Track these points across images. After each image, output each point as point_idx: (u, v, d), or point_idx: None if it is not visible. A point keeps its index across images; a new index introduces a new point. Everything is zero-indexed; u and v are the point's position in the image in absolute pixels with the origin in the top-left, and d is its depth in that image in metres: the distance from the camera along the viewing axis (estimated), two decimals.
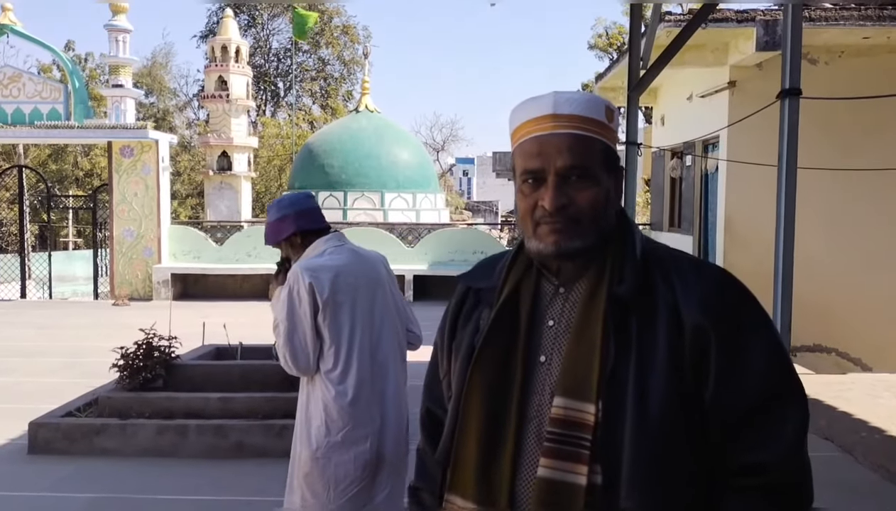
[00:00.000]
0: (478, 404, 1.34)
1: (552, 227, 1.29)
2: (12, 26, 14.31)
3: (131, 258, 14.29)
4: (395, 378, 2.84)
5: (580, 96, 1.32)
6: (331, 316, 2.71)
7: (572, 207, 1.28)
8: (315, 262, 2.74)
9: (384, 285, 2.90)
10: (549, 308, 1.35)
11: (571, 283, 1.34)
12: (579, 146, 1.29)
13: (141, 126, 14.24)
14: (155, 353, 5.91)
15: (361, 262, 2.86)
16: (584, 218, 1.29)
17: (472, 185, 60.58)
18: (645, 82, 7.16)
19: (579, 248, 1.30)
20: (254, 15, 37.15)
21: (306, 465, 2.73)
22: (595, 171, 1.31)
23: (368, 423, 2.72)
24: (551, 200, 1.27)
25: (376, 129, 20.06)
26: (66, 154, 29.17)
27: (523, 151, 1.32)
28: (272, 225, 2.85)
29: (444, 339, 1.49)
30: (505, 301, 1.36)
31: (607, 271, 1.31)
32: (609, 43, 32.04)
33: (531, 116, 1.32)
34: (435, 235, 15.26)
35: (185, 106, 38.42)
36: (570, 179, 1.29)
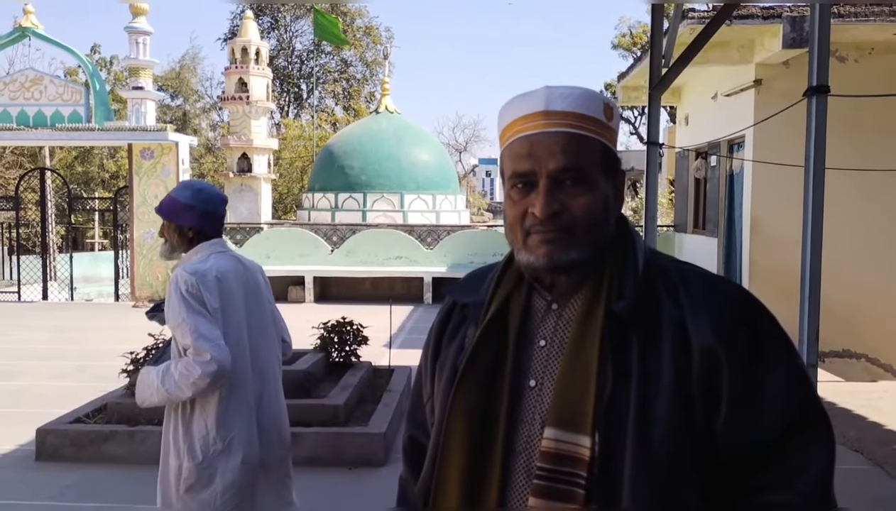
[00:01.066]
0: (461, 433, 1.20)
1: (543, 237, 1.15)
2: (34, 29, 14.41)
3: (151, 260, 14.32)
4: (274, 383, 2.87)
5: (575, 91, 1.18)
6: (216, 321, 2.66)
7: (566, 215, 1.15)
8: (202, 267, 2.69)
9: (263, 293, 2.91)
10: (540, 326, 1.21)
11: (566, 298, 1.21)
12: (574, 146, 1.15)
13: (161, 128, 14.26)
14: None
15: (243, 269, 2.85)
16: (579, 227, 1.15)
17: (496, 186, 60.47)
18: (667, 81, 6.95)
19: (574, 260, 1.16)
20: (276, 17, 37.30)
21: (191, 477, 2.66)
22: (591, 174, 1.17)
23: (250, 430, 2.73)
24: (542, 207, 1.14)
25: (396, 130, 19.98)
26: (92, 156, 29.47)
27: (512, 152, 1.19)
28: (178, 204, 2.75)
29: (428, 359, 1.36)
30: (492, 318, 1.23)
31: (605, 286, 1.17)
32: (633, 42, 31.72)
33: (521, 114, 1.19)
34: (454, 237, 15.13)
35: (209, 108, 38.69)
36: (563, 183, 1.15)
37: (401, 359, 8.39)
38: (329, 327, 6.92)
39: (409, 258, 14.63)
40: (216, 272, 2.68)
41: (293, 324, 11.10)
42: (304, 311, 13.22)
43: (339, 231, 16.53)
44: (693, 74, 10.19)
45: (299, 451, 5.14)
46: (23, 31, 14.54)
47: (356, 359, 6.91)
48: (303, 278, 14.30)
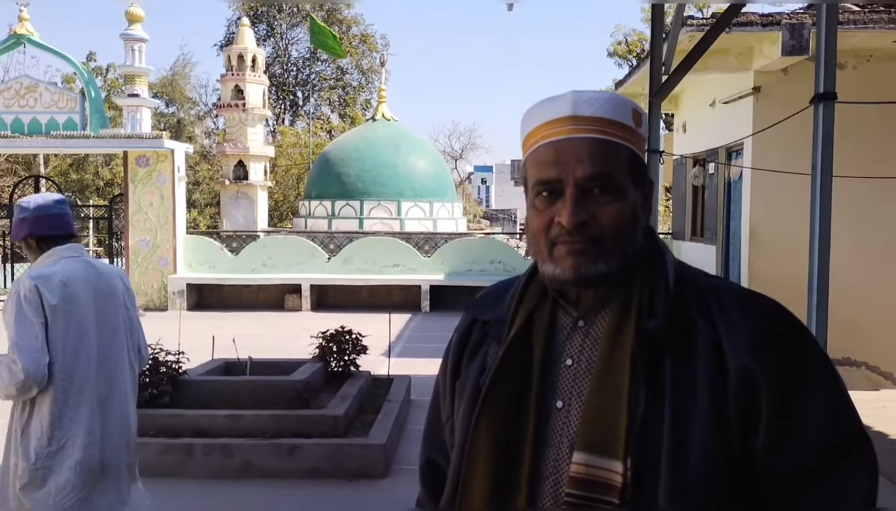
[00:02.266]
0: (484, 457, 1.14)
1: (570, 248, 1.10)
2: (29, 36, 14.33)
3: (147, 268, 14.23)
4: (122, 389, 2.91)
5: (603, 96, 1.13)
6: (57, 324, 2.71)
7: (594, 224, 1.09)
8: (45, 270, 2.75)
9: (118, 299, 2.94)
10: (566, 344, 1.16)
11: (592, 315, 1.15)
12: (603, 153, 1.10)
13: (156, 135, 14.19)
14: (161, 368, 5.77)
15: (95, 274, 2.88)
16: (608, 237, 1.10)
17: (491, 193, 60.54)
18: (667, 88, 6.94)
19: (602, 273, 1.10)
20: (272, 24, 37.32)
21: (24, 476, 2.72)
22: (621, 182, 1.11)
23: (90, 432, 2.77)
24: (569, 216, 1.09)
25: (393, 137, 19.96)
26: (87, 164, 29.38)
27: (537, 159, 1.13)
28: (14, 222, 2.87)
29: (447, 378, 1.29)
30: (515, 336, 1.17)
31: (635, 302, 1.12)
32: (629, 50, 31.80)
33: (547, 119, 1.13)
34: (452, 245, 15.08)
35: (204, 115, 38.63)
36: (591, 192, 1.10)
37: (399, 368, 8.34)
38: (328, 336, 6.86)
39: (406, 266, 14.57)
40: (62, 276, 2.74)
41: (289, 332, 11.09)
42: (301, 319, 13.15)
43: (336, 239, 16.47)
44: (691, 81, 10.16)
45: (298, 462, 5.09)
46: (18, 39, 14.47)
47: (355, 368, 6.85)
48: (300, 286, 14.23)
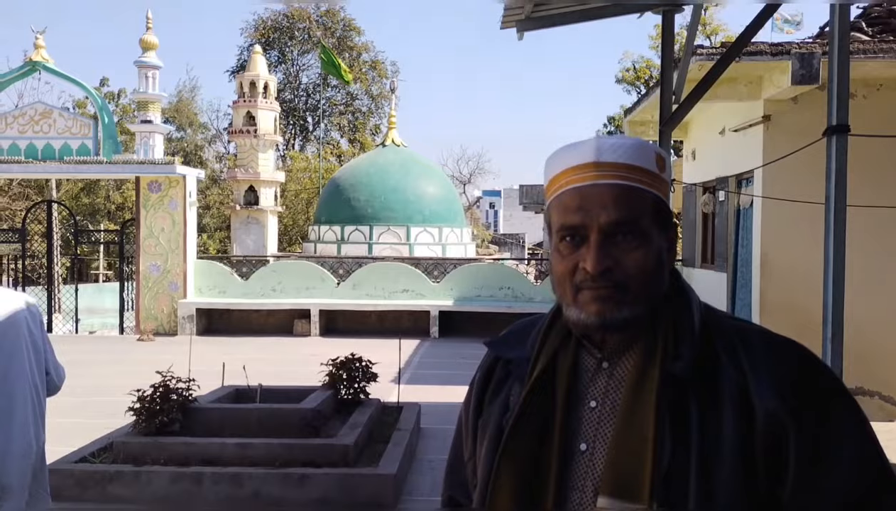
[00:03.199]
0: (507, 499, 1.14)
1: (596, 294, 1.10)
2: (44, 63, 14.52)
3: (157, 293, 14.27)
4: (23, 410, 2.97)
5: (627, 142, 1.14)
6: None
7: (618, 270, 1.10)
8: None
9: (19, 324, 3.02)
10: (590, 386, 1.16)
11: (617, 356, 1.15)
12: (626, 199, 1.11)
13: (168, 161, 14.30)
14: (172, 395, 5.76)
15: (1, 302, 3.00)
16: (633, 283, 1.10)
17: (499, 218, 60.58)
18: (677, 117, 6.95)
19: (627, 318, 1.10)
20: (284, 51, 37.70)
21: None
22: (645, 227, 1.12)
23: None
24: (594, 262, 1.09)
25: (403, 163, 20.05)
26: (99, 188, 29.57)
27: (561, 205, 1.14)
28: None
29: (470, 416, 1.30)
30: (539, 376, 1.17)
31: (660, 344, 1.12)
32: (637, 76, 31.96)
33: (570, 165, 1.14)
34: (461, 271, 15.07)
35: (214, 139, 38.94)
36: (615, 237, 1.10)
37: (409, 395, 8.30)
38: (338, 364, 6.84)
39: (415, 291, 14.56)
40: None
41: (299, 358, 11.09)
42: (310, 344, 13.13)
43: (345, 264, 16.50)
44: (700, 109, 10.18)
45: (308, 492, 5.06)
46: (33, 65, 14.66)
47: (365, 396, 6.82)
48: (309, 311, 14.22)
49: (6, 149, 14.36)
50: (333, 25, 38.03)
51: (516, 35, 7.54)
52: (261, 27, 37.42)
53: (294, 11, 37.50)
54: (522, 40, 7.74)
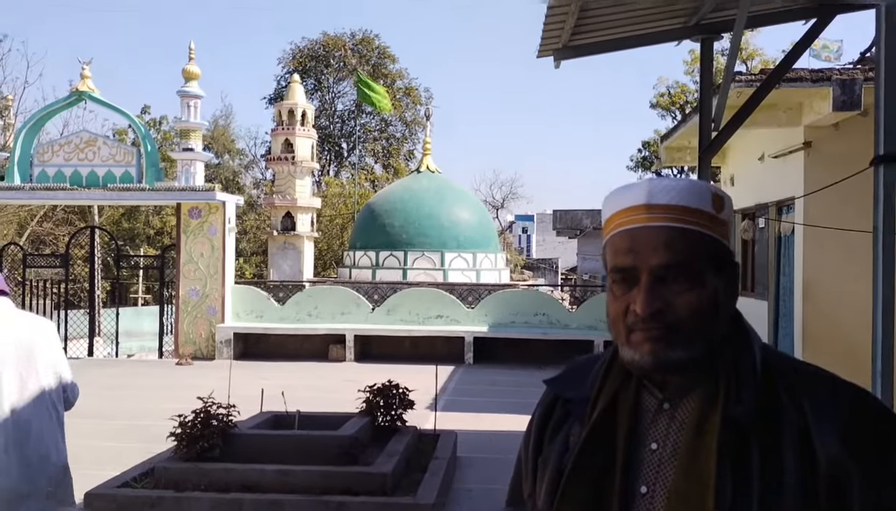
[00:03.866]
0: None
1: (647, 335, 1.10)
2: (90, 93, 14.93)
3: (196, 317, 14.46)
4: (38, 424, 3.27)
5: (680, 183, 1.14)
6: None
7: (669, 313, 1.10)
8: None
9: (37, 345, 3.33)
10: (651, 427, 1.15)
11: (678, 398, 1.14)
12: (678, 241, 1.11)
13: (209, 188, 14.56)
14: (212, 421, 5.82)
15: (13, 323, 3.30)
16: (685, 325, 1.10)
17: (532, 243, 60.39)
18: (717, 144, 6.92)
19: (682, 359, 1.10)
20: (320, 78, 38.30)
21: None
22: (697, 269, 1.11)
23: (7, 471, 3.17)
24: (643, 304, 1.10)
25: (437, 189, 20.16)
26: (139, 213, 30.19)
27: (614, 246, 1.16)
28: None
29: (529, 454, 1.29)
30: (599, 416, 1.17)
31: (721, 387, 1.11)
32: (672, 101, 31.82)
33: (622, 206, 1.16)
34: (495, 297, 15.04)
35: (251, 165, 39.55)
36: (666, 280, 1.10)
37: (445, 422, 8.25)
38: (374, 390, 6.85)
39: (449, 317, 14.56)
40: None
41: (334, 383, 11.13)
42: (345, 370, 13.17)
43: (380, 289, 16.57)
44: (738, 135, 10.09)
45: None
46: (79, 95, 15.08)
47: (401, 423, 6.81)
48: (344, 336, 14.29)
49: (52, 176, 14.76)
50: (368, 53, 38.58)
51: (553, 63, 7.57)
52: (298, 56, 38.10)
53: (330, 40, 38.16)
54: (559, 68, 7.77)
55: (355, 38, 38.66)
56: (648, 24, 7.33)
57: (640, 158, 35.37)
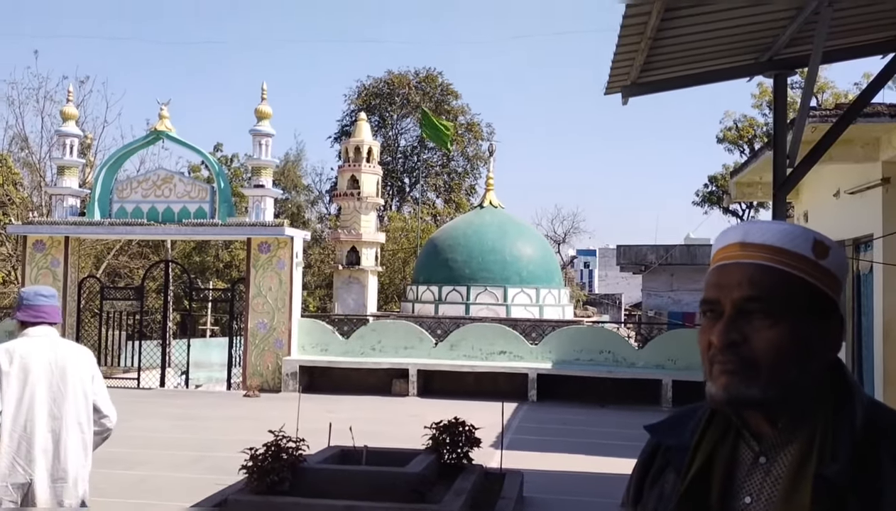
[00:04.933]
0: None
1: (723, 368, 1.11)
2: (167, 132, 15.56)
3: (263, 350, 14.74)
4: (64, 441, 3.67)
5: (776, 225, 1.15)
6: (10, 386, 3.58)
7: (746, 347, 1.10)
8: (11, 345, 3.69)
9: (73, 371, 3.72)
10: (746, 481, 1.14)
11: (775, 451, 1.12)
12: (764, 278, 1.12)
13: (278, 223, 14.93)
14: (282, 454, 5.89)
15: (53, 351, 3.71)
16: (763, 362, 1.09)
17: (594, 278, 59.69)
18: (792, 181, 6.77)
19: (755, 397, 1.09)
20: (384, 115, 39.03)
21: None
22: (783, 308, 1.10)
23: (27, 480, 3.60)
24: (719, 335, 1.11)
25: (500, 224, 20.20)
26: (209, 247, 31.06)
27: (706, 281, 1.18)
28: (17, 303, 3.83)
29: (630, 500, 1.30)
30: (697, 471, 1.16)
31: (817, 442, 1.08)
32: (739, 135, 31.27)
33: (721, 245, 1.19)
34: (559, 333, 14.89)
35: (316, 201, 40.39)
36: (749, 315, 1.10)
37: (510, 461, 8.16)
38: (441, 427, 6.83)
39: (513, 353, 14.47)
40: (22, 350, 3.66)
41: (398, 418, 11.14)
42: (408, 404, 13.19)
43: (443, 324, 16.61)
44: (812, 170, 9.86)
45: None
46: (157, 134, 15.74)
47: (468, 461, 6.77)
48: (407, 371, 14.34)
49: (130, 212, 15.38)
50: (432, 90, 39.19)
51: (621, 100, 7.56)
52: (363, 94, 38.96)
53: (394, 78, 38.94)
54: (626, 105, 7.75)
55: (419, 75, 39.36)
56: (719, 61, 7.27)
57: (707, 193, 34.76)
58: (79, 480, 3.74)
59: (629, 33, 5.97)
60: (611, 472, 7.88)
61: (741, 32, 6.63)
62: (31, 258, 15.53)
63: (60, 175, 16.13)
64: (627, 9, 5.56)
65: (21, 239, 16.26)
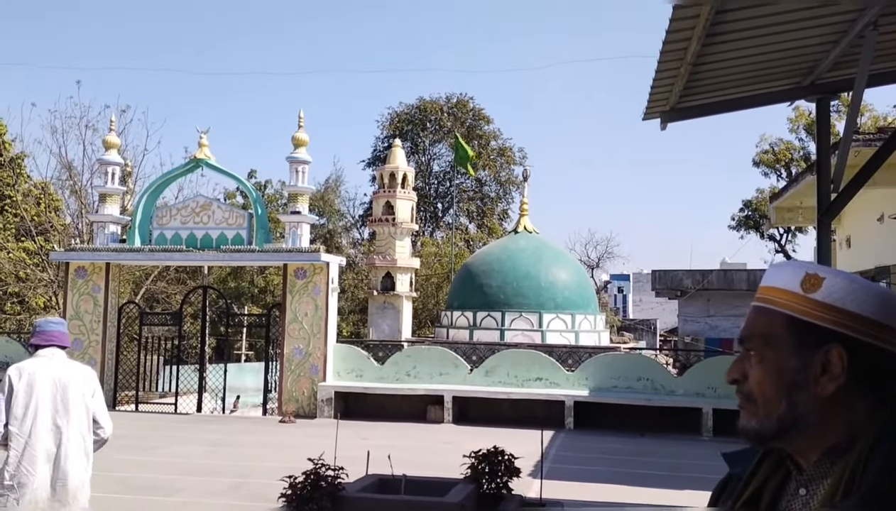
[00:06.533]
0: None
1: (739, 403, 1.21)
2: (206, 160, 15.82)
3: (299, 375, 14.78)
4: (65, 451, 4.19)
5: (778, 266, 1.22)
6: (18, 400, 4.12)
7: (746, 384, 1.19)
8: (21, 364, 4.29)
9: (73, 387, 4.28)
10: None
11: (815, 484, 1.15)
12: (758, 319, 1.19)
13: (314, 249, 15.04)
14: (321, 483, 5.88)
15: (57, 370, 4.27)
16: (757, 398, 1.17)
17: (628, 303, 59.14)
18: (837, 206, 6.65)
19: (754, 430, 1.17)
20: (416, 142, 39.31)
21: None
22: (764, 344, 1.17)
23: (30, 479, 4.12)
24: (727, 372, 1.22)
25: (535, 249, 20.11)
26: (244, 272, 31.41)
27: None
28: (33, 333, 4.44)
29: None
30: (746, 500, 1.23)
31: (845, 477, 1.10)
32: (776, 159, 30.87)
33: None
34: (596, 360, 14.71)
35: (350, 226, 40.67)
36: (749, 353, 1.20)
37: (549, 491, 8.05)
38: (479, 456, 6.77)
39: (549, 380, 14.32)
40: (30, 369, 4.23)
41: (434, 446, 11.05)
42: (444, 432, 13.11)
43: (478, 350, 16.52)
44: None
45: None
46: (197, 162, 16.01)
47: (507, 491, 6.69)
48: (442, 397, 14.26)
49: (170, 238, 15.63)
50: (463, 116, 39.40)
51: (659, 126, 7.51)
52: (395, 120, 39.31)
53: (426, 104, 39.25)
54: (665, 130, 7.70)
55: (450, 101, 39.62)
56: (760, 85, 7.20)
57: (743, 217, 34.30)
58: (79, 483, 4.25)
59: (669, 59, 5.95)
60: (653, 502, 7.71)
61: (783, 57, 6.56)
62: (72, 284, 15.83)
63: (102, 202, 16.47)
64: (668, 35, 5.54)
65: (63, 265, 16.58)
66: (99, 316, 15.71)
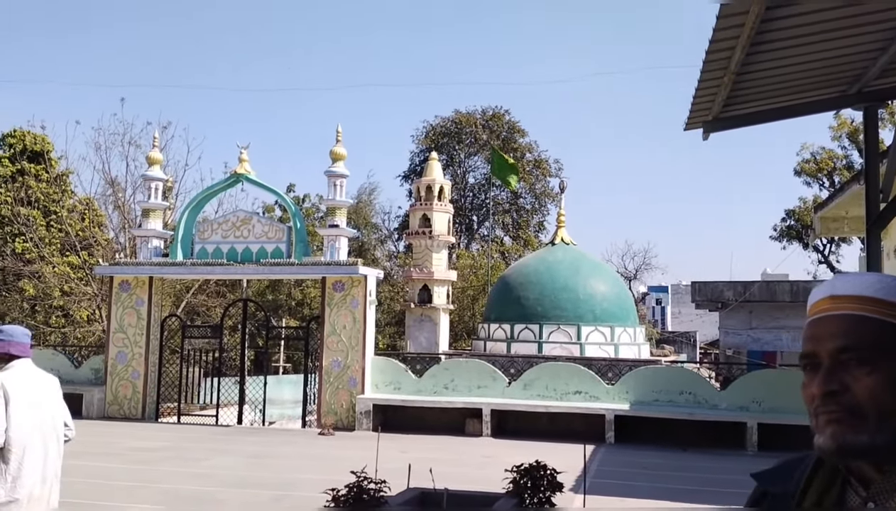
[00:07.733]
0: None
1: (828, 418, 1.14)
2: (247, 175, 16.05)
3: (337, 388, 14.85)
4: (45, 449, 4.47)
5: (863, 276, 1.19)
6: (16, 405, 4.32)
7: (848, 396, 1.12)
8: (5, 374, 4.44)
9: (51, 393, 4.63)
10: None
11: (884, 497, 1.12)
12: (856, 327, 1.15)
13: (352, 262, 15.13)
14: (364, 496, 5.87)
15: (37, 378, 4.58)
16: (867, 409, 1.11)
17: (666, 315, 58.44)
18: (887, 216, 6.49)
19: (867, 444, 1.10)
20: (452, 155, 39.44)
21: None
22: (878, 354, 1.12)
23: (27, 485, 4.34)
24: (819, 385, 1.15)
25: (572, 261, 19.99)
26: (282, 285, 31.73)
27: (802, 336, 1.24)
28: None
29: None
30: None
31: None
32: (818, 168, 30.31)
33: (813, 301, 1.24)
34: (636, 373, 14.53)
35: (386, 239, 40.88)
36: (846, 365, 1.14)
37: (591, 506, 7.96)
38: (522, 471, 6.70)
39: (588, 393, 14.17)
40: (6, 380, 4.37)
41: (473, 460, 11.01)
42: (482, 445, 13.04)
43: (516, 363, 16.44)
44: None
45: None
46: (237, 177, 16.25)
47: (550, 506, 6.60)
48: (480, 410, 14.20)
49: (211, 252, 15.86)
50: (499, 129, 39.44)
51: (702, 136, 7.43)
52: (431, 134, 39.50)
53: (462, 117, 39.38)
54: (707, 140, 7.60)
55: (486, 114, 39.70)
56: (805, 94, 7.08)
57: (785, 227, 33.70)
58: (56, 480, 4.61)
59: (713, 68, 5.88)
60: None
61: (828, 65, 6.45)
62: (116, 298, 16.14)
63: (145, 217, 16.79)
64: (711, 44, 5.48)
65: (107, 279, 16.91)
66: (142, 329, 15.99)
